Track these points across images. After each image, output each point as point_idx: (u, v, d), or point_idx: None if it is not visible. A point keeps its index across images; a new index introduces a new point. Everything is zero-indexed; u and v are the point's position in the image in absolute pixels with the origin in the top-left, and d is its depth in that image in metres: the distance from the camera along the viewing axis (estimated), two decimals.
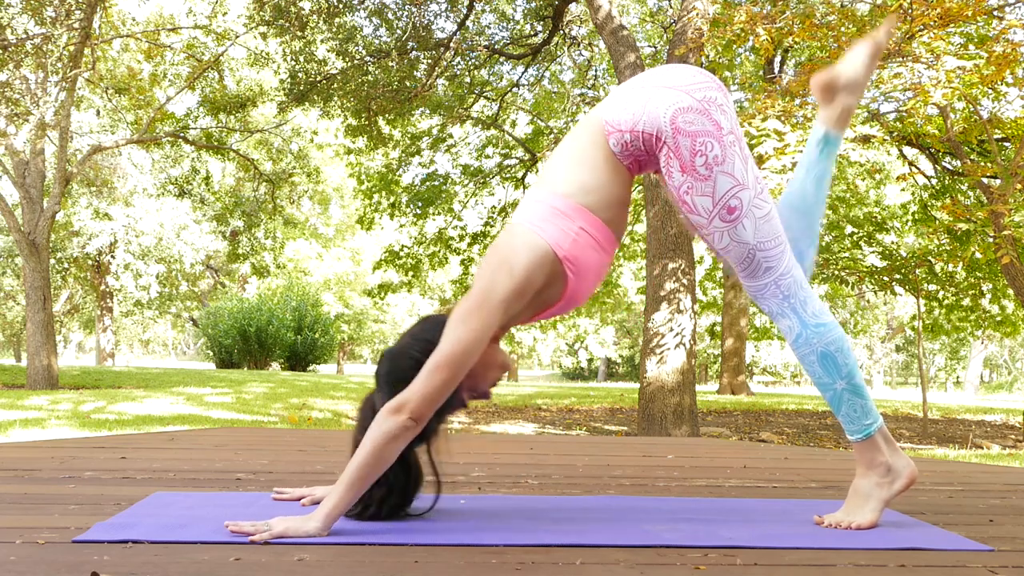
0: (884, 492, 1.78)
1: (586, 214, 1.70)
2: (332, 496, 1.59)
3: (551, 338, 30.00)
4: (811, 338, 1.74)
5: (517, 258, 1.65)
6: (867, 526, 1.75)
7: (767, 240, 1.72)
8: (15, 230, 11.62)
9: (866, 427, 1.76)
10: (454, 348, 1.60)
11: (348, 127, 11.52)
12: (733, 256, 1.74)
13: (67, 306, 26.18)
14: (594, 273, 1.74)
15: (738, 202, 1.68)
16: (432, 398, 1.60)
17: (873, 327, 29.76)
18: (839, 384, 1.74)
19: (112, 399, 9.33)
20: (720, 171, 1.67)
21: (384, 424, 1.59)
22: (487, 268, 1.67)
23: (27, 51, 11.24)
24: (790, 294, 1.75)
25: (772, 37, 6.33)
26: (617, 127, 1.70)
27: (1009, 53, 5.57)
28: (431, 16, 10.75)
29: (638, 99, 1.70)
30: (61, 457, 2.61)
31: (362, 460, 1.59)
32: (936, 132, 8.41)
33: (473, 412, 10.68)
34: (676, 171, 1.68)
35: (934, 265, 10.26)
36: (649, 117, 1.68)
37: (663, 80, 1.71)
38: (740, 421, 10.20)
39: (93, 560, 1.37)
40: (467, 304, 1.63)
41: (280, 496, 1.97)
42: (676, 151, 1.67)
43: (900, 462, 1.79)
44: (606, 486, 2.34)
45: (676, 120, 1.66)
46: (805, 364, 1.77)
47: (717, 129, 1.67)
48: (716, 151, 1.66)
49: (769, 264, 1.73)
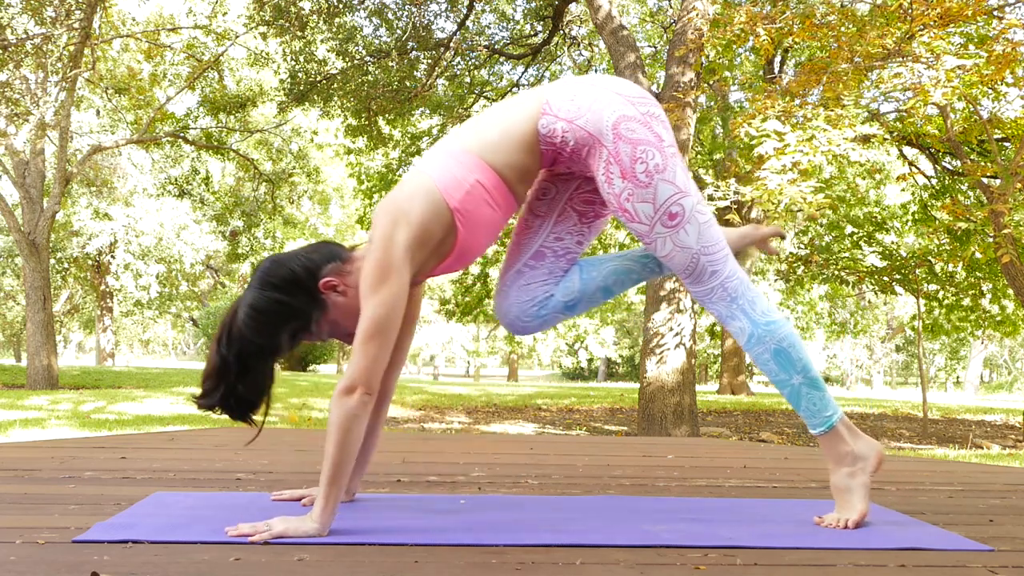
0: (861, 478, 1.80)
1: (485, 169, 1.70)
2: (321, 495, 1.60)
3: (551, 338, 29.98)
4: (763, 336, 1.75)
5: (412, 206, 1.66)
6: (861, 517, 1.77)
7: (710, 244, 1.73)
8: (15, 230, 11.62)
9: (827, 419, 1.77)
10: (375, 315, 1.60)
11: (348, 127, 11.52)
12: (677, 262, 1.74)
13: (67, 306, 26.17)
14: (485, 229, 1.73)
15: (680, 208, 1.69)
16: (374, 368, 1.61)
17: (873, 327, 29.74)
18: (796, 379, 1.76)
19: (112, 399, 9.32)
20: (661, 179, 1.68)
21: (342, 407, 1.60)
22: (385, 218, 1.66)
23: (27, 51, 11.24)
24: (737, 295, 1.76)
25: (772, 37, 6.33)
26: (555, 112, 1.70)
27: (1009, 53, 5.57)
28: (431, 16, 10.75)
29: (587, 95, 1.70)
30: (61, 457, 2.61)
31: (333, 449, 1.59)
32: (936, 132, 8.41)
33: (473, 412, 10.68)
34: (616, 177, 1.69)
35: (934, 265, 10.26)
36: (592, 115, 1.68)
37: (614, 86, 1.73)
38: (740, 421, 10.20)
39: (93, 560, 1.37)
40: (373, 265, 1.62)
41: (279, 497, 1.97)
42: (616, 157, 1.68)
43: (864, 446, 1.81)
44: (606, 486, 2.34)
45: (619, 126, 1.67)
46: (760, 364, 1.78)
47: (658, 140, 1.69)
48: (657, 160, 1.68)
49: (714, 268, 1.74)
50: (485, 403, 12.04)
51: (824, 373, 37.02)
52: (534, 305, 1.89)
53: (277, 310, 1.68)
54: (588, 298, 1.90)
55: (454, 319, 14.79)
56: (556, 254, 1.90)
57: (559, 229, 1.89)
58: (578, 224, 1.90)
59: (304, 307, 1.70)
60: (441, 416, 10.01)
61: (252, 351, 1.67)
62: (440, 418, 9.77)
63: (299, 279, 1.70)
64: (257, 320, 1.67)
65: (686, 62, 7.78)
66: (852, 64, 6.09)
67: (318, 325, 1.73)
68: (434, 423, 9.22)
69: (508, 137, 1.71)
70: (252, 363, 1.68)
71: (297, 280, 1.70)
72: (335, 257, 1.74)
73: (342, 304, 1.73)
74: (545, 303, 1.89)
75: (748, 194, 6.13)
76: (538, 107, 1.71)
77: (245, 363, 1.67)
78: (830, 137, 5.76)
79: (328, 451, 1.60)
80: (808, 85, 6.33)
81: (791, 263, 11.25)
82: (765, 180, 5.89)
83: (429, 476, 2.43)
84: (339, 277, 1.72)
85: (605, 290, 1.91)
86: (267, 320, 1.67)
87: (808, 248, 12.39)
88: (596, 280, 1.90)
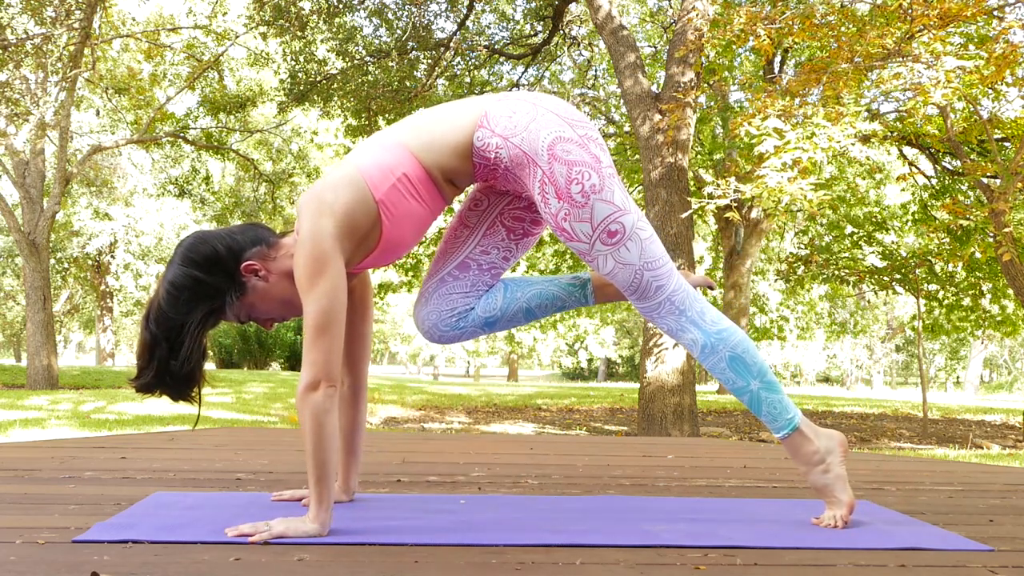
0: (835, 471, 1.80)
1: (414, 164, 1.69)
2: (313, 496, 1.60)
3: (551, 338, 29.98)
4: (716, 345, 1.75)
5: (337, 196, 1.65)
6: (850, 507, 1.78)
7: (653, 260, 1.72)
8: (15, 230, 11.62)
9: (789, 421, 1.77)
10: (319, 308, 1.60)
11: (348, 127, 11.52)
12: (620, 279, 1.73)
13: (67, 306, 26.17)
14: (411, 223, 1.73)
15: (619, 226, 1.69)
16: (330, 359, 1.61)
17: (873, 327, 29.74)
18: (754, 384, 1.75)
19: (112, 399, 9.33)
20: (598, 199, 1.67)
21: (309, 405, 1.60)
22: (310, 208, 1.65)
23: (27, 51, 11.24)
24: (686, 308, 1.75)
25: (772, 37, 6.33)
26: (492, 127, 1.69)
27: (1009, 53, 5.57)
28: (431, 16, 10.75)
29: (525, 113, 1.70)
30: (61, 457, 2.61)
31: (312, 448, 1.60)
32: (936, 132, 8.40)
33: (473, 412, 10.68)
34: (552, 197, 1.68)
35: (934, 265, 10.27)
36: (528, 135, 1.68)
37: (554, 107, 1.72)
38: (740, 421, 10.20)
39: (93, 560, 1.37)
40: (305, 260, 1.61)
41: (279, 497, 1.97)
42: (551, 177, 1.67)
43: (826, 442, 1.81)
44: (606, 486, 2.34)
45: (554, 147, 1.67)
46: (717, 373, 1.77)
47: (596, 161, 1.68)
48: (594, 180, 1.67)
49: (659, 283, 1.73)
50: (485, 403, 12.04)
51: (824, 373, 37.03)
52: (453, 316, 1.87)
53: (194, 287, 1.67)
54: (509, 317, 1.89)
55: None
56: (480, 268, 1.89)
57: (487, 243, 1.88)
58: (506, 240, 1.89)
59: (222, 287, 1.69)
60: (441, 416, 10.01)
61: (174, 327, 1.66)
62: (440, 418, 9.77)
63: (221, 258, 1.69)
64: (174, 296, 1.66)
65: (686, 62, 7.78)
66: (852, 64, 6.09)
67: (235, 307, 1.72)
68: (434, 423, 9.22)
69: (443, 140, 1.71)
70: (178, 339, 1.67)
71: (219, 259, 1.69)
72: (261, 241, 1.74)
73: (261, 289, 1.72)
74: (465, 315, 1.88)
75: (748, 192, 6.13)
76: (477, 118, 1.70)
77: (171, 339, 1.66)
78: (830, 134, 5.76)
79: (308, 451, 1.60)
80: (808, 85, 6.33)
81: (791, 263, 11.25)
82: (765, 178, 5.89)
83: (429, 476, 2.43)
84: (262, 261, 1.72)
85: (528, 312, 1.90)
86: (184, 297, 1.66)
87: (808, 248, 12.39)
88: (519, 301, 1.89)
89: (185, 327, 1.67)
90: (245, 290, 1.71)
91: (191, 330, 1.67)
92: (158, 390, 1.69)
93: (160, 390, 1.69)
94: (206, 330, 1.70)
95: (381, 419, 9.43)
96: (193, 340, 1.67)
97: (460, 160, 1.72)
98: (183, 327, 1.67)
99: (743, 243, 13.96)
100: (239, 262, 1.70)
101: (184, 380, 1.69)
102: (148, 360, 1.67)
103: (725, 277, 14.34)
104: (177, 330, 1.66)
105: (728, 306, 14.89)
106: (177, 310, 1.66)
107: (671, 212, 7.55)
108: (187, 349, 1.67)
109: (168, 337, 1.66)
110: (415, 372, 39.67)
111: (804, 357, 32.96)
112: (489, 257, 1.89)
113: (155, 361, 1.67)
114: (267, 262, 1.72)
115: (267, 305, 1.74)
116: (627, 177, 13.18)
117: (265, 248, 1.73)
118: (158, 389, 1.69)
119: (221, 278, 1.69)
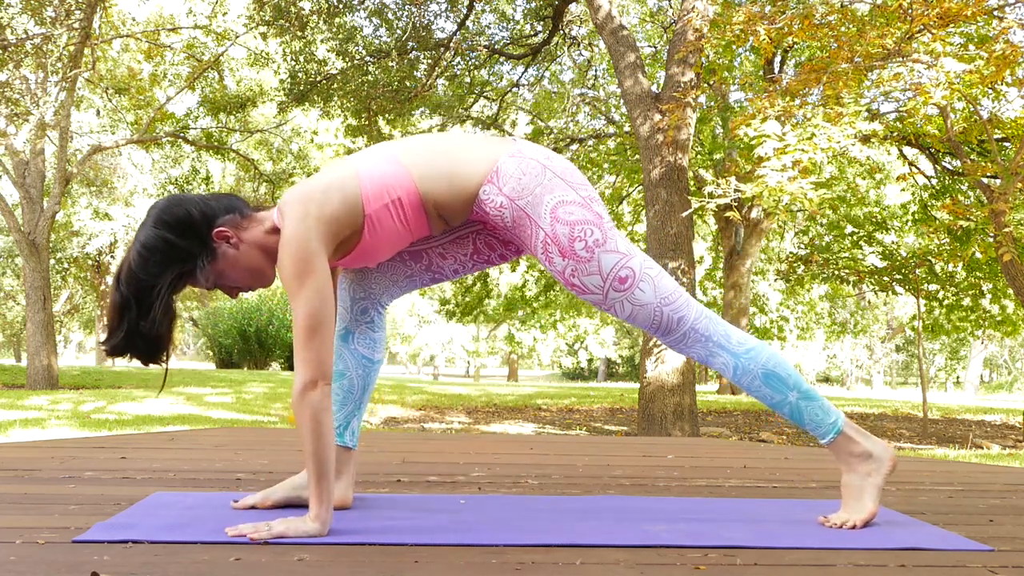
0: (875, 479, 1.79)
1: (413, 191, 1.70)
2: (313, 494, 1.61)
3: (551, 338, 29.98)
4: (748, 365, 1.76)
5: (328, 200, 1.66)
6: (870, 517, 1.77)
7: (668, 294, 1.74)
8: (15, 230, 11.62)
9: (832, 425, 1.78)
10: (309, 310, 1.61)
11: (348, 127, 11.52)
12: (641, 320, 1.75)
13: (67, 306, 26.17)
14: (389, 240, 1.74)
15: (629, 271, 1.71)
16: (323, 359, 1.62)
17: (873, 327, 29.75)
18: (792, 396, 1.76)
19: (112, 399, 9.33)
20: (602, 251, 1.70)
21: (308, 405, 1.61)
22: (299, 207, 1.65)
23: (27, 51, 11.24)
24: (711, 333, 1.76)
25: (772, 37, 6.33)
26: (500, 185, 1.71)
27: (1009, 53, 5.57)
28: (431, 16, 10.75)
29: (534, 176, 1.71)
30: (61, 457, 2.61)
31: (312, 447, 1.61)
32: (936, 132, 8.41)
33: (473, 412, 10.68)
34: (556, 256, 1.71)
35: (934, 265, 10.26)
36: (534, 199, 1.70)
37: (561, 170, 1.74)
38: (740, 421, 10.20)
39: (93, 560, 1.37)
40: (291, 260, 1.62)
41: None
42: (554, 238, 1.70)
43: (878, 447, 1.81)
44: (606, 486, 2.34)
45: (557, 210, 1.70)
46: (753, 391, 1.78)
47: (598, 218, 1.72)
48: (596, 235, 1.70)
49: (679, 314, 1.75)
50: (485, 403, 12.04)
51: (824, 373, 37.04)
52: (368, 298, 1.93)
53: (165, 250, 1.67)
54: (349, 351, 1.93)
55: (454, 319, 14.80)
56: (426, 266, 1.91)
57: (448, 249, 1.90)
58: (468, 257, 1.91)
59: (193, 251, 1.69)
60: (441, 416, 10.01)
61: (144, 288, 1.66)
62: (440, 418, 9.77)
63: (193, 222, 1.69)
64: (145, 258, 1.66)
65: (686, 62, 7.78)
66: (852, 64, 6.09)
67: (205, 272, 1.71)
68: (434, 423, 9.22)
69: (448, 180, 1.71)
70: (147, 300, 1.67)
71: (192, 223, 1.69)
72: (235, 210, 1.74)
73: (231, 256, 1.72)
74: (377, 304, 1.94)
75: (748, 192, 6.13)
76: (487, 171, 1.71)
77: (141, 301, 1.66)
78: (830, 135, 5.76)
79: (307, 450, 1.61)
80: (808, 85, 6.33)
81: (791, 263, 11.25)
82: (765, 178, 5.89)
83: (429, 476, 2.43)
84: (234, 229, 1.72)
85: (358, 359, 1.93)
86: (154, 259, 1.66)
87: (808, 248, 12.39)
88: (362, 352, 1.94)
89: (155, 289, 1.66)
90: (215, 256, 1.71)
91: (161, 292, 1.67)
92: (128, 352, 1.69)
93: (130, 352, 1.69)
94: (175, 292, 1.70)
95: (381, 419, 9.43)
96: (162, 302, 1.67)
97: (459, 204, 1.73)
98: (153, 288, 1.66)
99: (743, 243, 13.96)
100: (211, 228, 1.70)
101: (153, 342, 1.68)
102: (118, 322, 1.67)
103: (725, 277, 14.34)
104: (147, 291, 1.66)
105: (728, 306, 14.90)
106: (147, 272, 1.66)
107: (671, 212, 7.55)
108: (156, 311, 1.67)
109: (138, 299, 1.66)
110: (415, 372, 39.68)
111: (804, 357, 32.97)
112: (445, 261, 1.91)
113: (125, 323, 1.66)
114: (239, 231, 1.73)
115: (236, 273, 1.74)
116: (627, 177, 13.19)
117: (238, 217, 1.73)
118: (128, 351, 1.69)
119: (193, 242, 1.69)
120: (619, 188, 13.69)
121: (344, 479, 1.90)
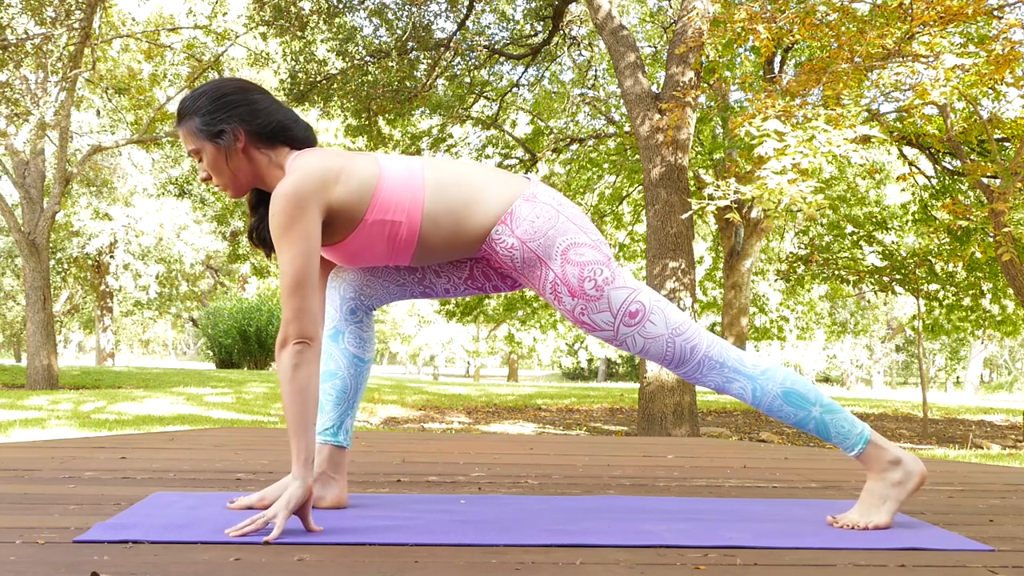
0: (899, 492, 1.77)
1: (416, 221, 1.71)
2: (293, 449, 1.63)
3: (551, 338, 29.98)
4: (767, 386, 1.75)
5: (344, 183, 1.68)
6: (884, 527, 1.75)
7: (678, 325, 1.75)
8: (15, 230, 11.62)
9: (860, 436, 1.77)
10: (291, 272, 1.63)
11: (348, 127, 11.51)
12: (654, 354, 1.76)
13: (67, 306, 26.16)
14: (368, 253, 1.76)
15: (639, 305, 1.73)
16: (301, 317, 1.63)
17: (873, 327, 29.75)
18: (815, 411, 1.75)
19: (112, 399, 9.33)
20: (611, 288, 1.72)
21: (284, 361, 1.63)
22: (315, 172, 1.66)
23: (27, 51, 11.24)
24: (724, 359, 1.76)
25: (772, 36, 6.33)
26: (512, 227, 1.72)
27: (1009, 53, 5.56)
28: (431, 16, 10.74)
29: (547, 220, 1.73)
30: (61, 457, 2.61)
31: (289, 403, 1.63)
32: (936, 132, 8.41)
33: (473, 412, 10.68)
34: (566, 296, 1.73)
35: (934, 265, 10.27)
36: (546, 241, 1.72)
37: (572, 215, 1.76)
38: (740, 421, 10.20)
39: (93, 560, 1.37)
40: (284, 213, 1.63)
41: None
42: (563, 279, 1.72)
43: (911, 464, 1.78)
44: (606, 486, 2.34)
45: (568, 253, 1.72)
46: (775, 412, 1.77)
47: (606, 259, 1.74)
48: (606, 274, 1.73)
49: (692, 344, 1.75)
50: (485, 403, 12.04)
51: (824, 373, 37.04)
52: (352, 291, 1.93)
53: (225, 95, 1.73)
54: (340, 350, 1.93)
55: (454, 319, 14.80)
56: (419, 279, 1.91)
57: (446, 267, 1.90)
58: (463, 280, 1.91)
59: (228, 119, 1.72)
60: (441, 416, 10.01)
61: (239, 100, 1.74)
62: (440, 418, 9.77)
63: (236, 103, 1.73)
64: (217, 85, 1.75)
65: (686, 62, 7.78)
66: (852, 64, 6.09)
67: (238, 142, 1.72)
68: (434, 423, 9.22)
69: (457, 217, 1.73)
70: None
71: (234, 102, 1.73)
72: (274, 129, 1.75)
73: (226, 150, 1.72)
74: (365, 306, 1.94)
75: (748, 193, 6.13)
76: (501, 212, 1.73)
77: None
78: (830, 138, 5.75)
79: (285, 407, 1.63)
80: (808, 85, 6.33)
81: (791, 263, 11.25)
82: (765, 179, 5.89)
83: (429, 476, 2.43)
84: (250, 139, 1.73)
85: (346, 359, 1.93)
86: (220, 94, 1.73)
87: (808, 248, 12.39)
88: (353, 352, 1.93)
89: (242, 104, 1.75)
90: (223, 138, 1.72)
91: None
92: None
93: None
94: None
95: (381, 419, 9.43)
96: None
97: (461, 242, 1.75)
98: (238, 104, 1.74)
99: (743, 243, 13.96)
100: (240, 119, 1.72)
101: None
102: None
103: (725, 277, 14.33)
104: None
105: (728, 306, 14.90)
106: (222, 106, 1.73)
107: (671, 212, 7.55)
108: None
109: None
110: (415, 372, 39.67)
111: (804, 357, 32.98)
112: (439, 279, 1.91)
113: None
114: (256, 144, 1.74)
115: (219, 164, 1.74)
116: (627, 177, 13.19)
117: (266, 138, 1.74)
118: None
119: (230, 115, 1.72)
120: (619, 188, 13.69)
121: (340, 480, 1.90)
